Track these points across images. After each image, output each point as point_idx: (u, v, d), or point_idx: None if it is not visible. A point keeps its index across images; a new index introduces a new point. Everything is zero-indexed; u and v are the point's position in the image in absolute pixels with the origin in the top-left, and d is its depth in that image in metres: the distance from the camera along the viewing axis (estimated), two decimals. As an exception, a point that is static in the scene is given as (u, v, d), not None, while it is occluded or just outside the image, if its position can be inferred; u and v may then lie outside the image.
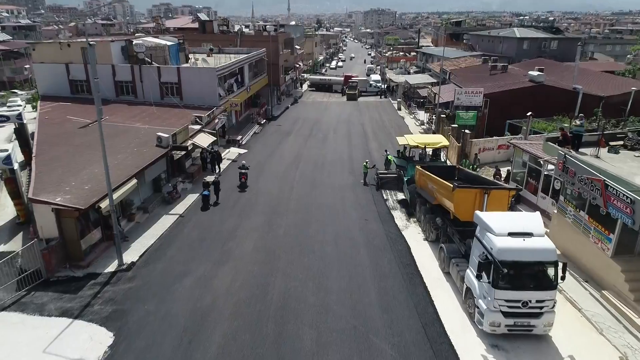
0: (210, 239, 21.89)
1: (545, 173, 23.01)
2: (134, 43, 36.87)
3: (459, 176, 23.63)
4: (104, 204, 18.29)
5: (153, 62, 37.54)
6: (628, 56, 75.76)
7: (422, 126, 48.90)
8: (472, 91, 32.30)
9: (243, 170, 29.88)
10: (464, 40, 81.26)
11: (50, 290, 17.04)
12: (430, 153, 27.67)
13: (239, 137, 40.91)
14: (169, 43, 39.93)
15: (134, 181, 21.21)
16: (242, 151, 38.24)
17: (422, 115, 51.30)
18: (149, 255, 20.13)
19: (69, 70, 36.96)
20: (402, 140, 27.49)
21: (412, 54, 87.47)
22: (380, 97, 70.08)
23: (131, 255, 19.84)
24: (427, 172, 21.99)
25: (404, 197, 27.32)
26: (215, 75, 36.05)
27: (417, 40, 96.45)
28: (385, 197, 27.76)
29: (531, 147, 24.00)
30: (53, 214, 17.75)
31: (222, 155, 36.17)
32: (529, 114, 28.82)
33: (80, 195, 18.44)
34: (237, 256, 20.07)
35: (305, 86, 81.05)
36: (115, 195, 19.02)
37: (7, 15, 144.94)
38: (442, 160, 27.51)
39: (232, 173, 32.13)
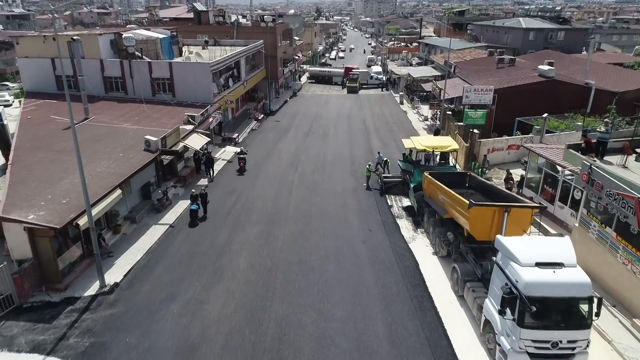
0: (201, 253, 20.20)
1: (563, 179, 21.32)
2: (123, 36, 34.83)
3: (470, 184, 21.92)
4: (83, 221, 16.57)
5: (144, 57, 35.56)
6: (636, 47, 73.54)
7: (426, 122, 47.08)
8: (481, 89, 30.42)
9: (241, 156, 32.12)
10: (468, 31, 78.97)
11: (22, 319, 15.38)
12: (438, 156, 25.93)
13: (235, 135, 39.12)
14: (160, 36, 37.88)
15: (118, 192, 19.47)
16: (239, 150, 36.43)
17: (426, 110, 49.46)
18: (134, 274, 18.45)
19: (54, 65, 35.00)
20: (408, 143, 25.69)
21: (414, 44, 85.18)
22: (382, 90, 68.08)
23: (115, 274, 18.17)
24: (436, 181, 20.26)
25: (410, 204, 25.67)
26: (209, 71, 34.12)
27: (419, 30, 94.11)
28: (389, 204, 26.07)
29: (548, 152, 22.24)
30: (25, 233, 16.04)
31: (218, 155, 34.50)
32: (544, 115, 26.98)
33: (57, 211, 16.71)
34: (229, 275, 18.40)
35: (304, 78, 78.96)
36: (96, 210, 17.34)
37: (1, 4, 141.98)
38: (451, 164, 25.69)
39: (228, 175, 30.40)
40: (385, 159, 30.44)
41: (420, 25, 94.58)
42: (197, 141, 28.01)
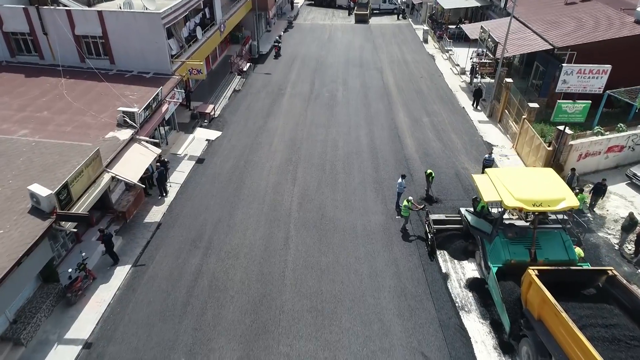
0: None
1: None
2: (27, -34, 22.65)
3: (604, 286, 12.31)
4: None
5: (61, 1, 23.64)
6: None
7: (463, 77, 35.78)
8: (589, 70, 19.29)
9: (275, 44, 39.99)
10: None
11: None
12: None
13: (210, 108, 28.13)
14: (91, -38, 25.45)
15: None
16: (214, 135, 25.76)
17: (462, 56, 37.72)
18: None
19: None
20: (486, 190, 14.76)
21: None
22: (398, 18, 54.85)
23: None
24: (562, 311, 10.61)
25: (474, 272, 16.21)
26: (162, 25, 22.43)
27: None
28: (443, 270, 16.50)
29: None
30: None
31: (182, 149, 24.11)
32: None
33: None
34: None
35: (301, -1, 64.50)
36: None
37: None
38: (555, 221, 15.31)
39: (195, 194, 20.23)
40: (428, 171, 20.29)
41: None
42: (137, 162, 17.51)
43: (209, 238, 17.99)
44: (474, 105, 30.29)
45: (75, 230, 14.13)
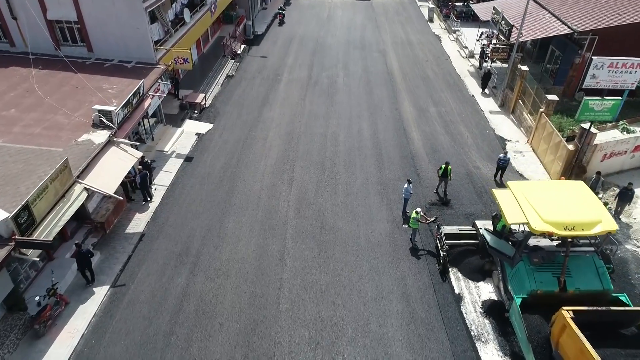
0: None
1: None
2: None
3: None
4: None
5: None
6: None
7: (472, 60, 33.55)
8: (623, 64, 17.12)
9: (279, 11, 40.83)
10: None
11: None
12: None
13: (200, 97, 26.01)
14: None
15: None
16: (204, 128, 23.75)
17: (470, 37, 35.44)
18: None
19: None
20: (511, 212, 12.78)
21: None
22: (401, -7, 51.93)
23: None
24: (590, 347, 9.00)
25: (492, 294, 14.57)
26: (143, 8, 20.14)
27: None
28: (456, 290, 14.87)
29: None
30: None
31: (169, 146, 22.15)
32: None
33: None
34: None
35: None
36: None
37: None
38: (591, 247, 13.33)
39: (185, 195, 18.39)
40: (444, 165, 18.43)
41: None
42: (114, 169, 15.60)
43: (197, 252, 16.28)
44: (483, 89, 28.35)
45: (38, 259, 12.35)
